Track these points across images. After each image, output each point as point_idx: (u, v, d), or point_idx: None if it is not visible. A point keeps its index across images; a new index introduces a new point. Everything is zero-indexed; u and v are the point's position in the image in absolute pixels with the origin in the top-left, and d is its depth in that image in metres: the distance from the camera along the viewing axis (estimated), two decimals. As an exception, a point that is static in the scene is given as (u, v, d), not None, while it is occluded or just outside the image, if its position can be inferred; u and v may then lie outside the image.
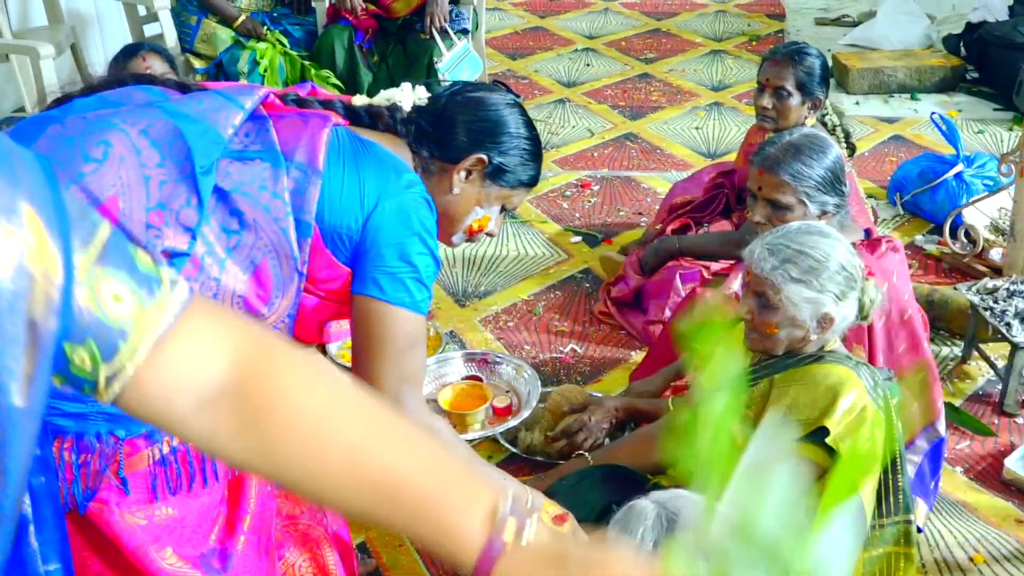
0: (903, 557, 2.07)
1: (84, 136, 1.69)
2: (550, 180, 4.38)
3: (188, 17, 4.48)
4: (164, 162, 1.70)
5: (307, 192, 1.75)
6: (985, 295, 2.93)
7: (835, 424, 1.92)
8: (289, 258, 1.76)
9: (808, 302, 1.98)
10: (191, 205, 1.69)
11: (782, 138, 2.49)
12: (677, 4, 7.19)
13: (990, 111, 4.99)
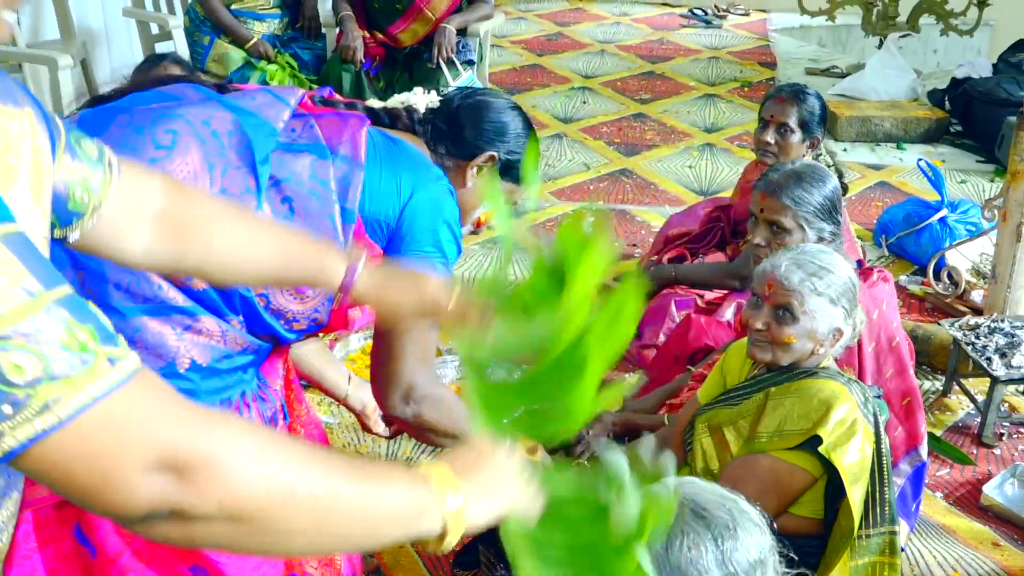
0: (887, 567, 2.13)
1: (153, 124, 1.81)
2: (547, 210, 4.52)
3: (201, 37, 4.61)
4: (226, 151, 1.82)
5: (351, 183, 1.87)
6: (967, 331, 3.06)
7: (828, 434, 2.00)
8: (333, 241, 1.88)
9: (827, 315, 2.08)
10: (250, 191, 1.81)
11: (785, 167, 2.62)
12: (671, 49, 7.37)
13: (973, 163, 5.15)
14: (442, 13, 4.54)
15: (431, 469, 1.08)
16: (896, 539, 2.16)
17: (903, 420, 2.58)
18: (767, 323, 2.10)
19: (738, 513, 1.45)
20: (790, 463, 2.06)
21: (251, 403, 1.92)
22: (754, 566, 1.41)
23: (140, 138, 1.79)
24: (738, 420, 2.17)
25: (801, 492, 2.09)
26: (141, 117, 1.83)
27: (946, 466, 2.87)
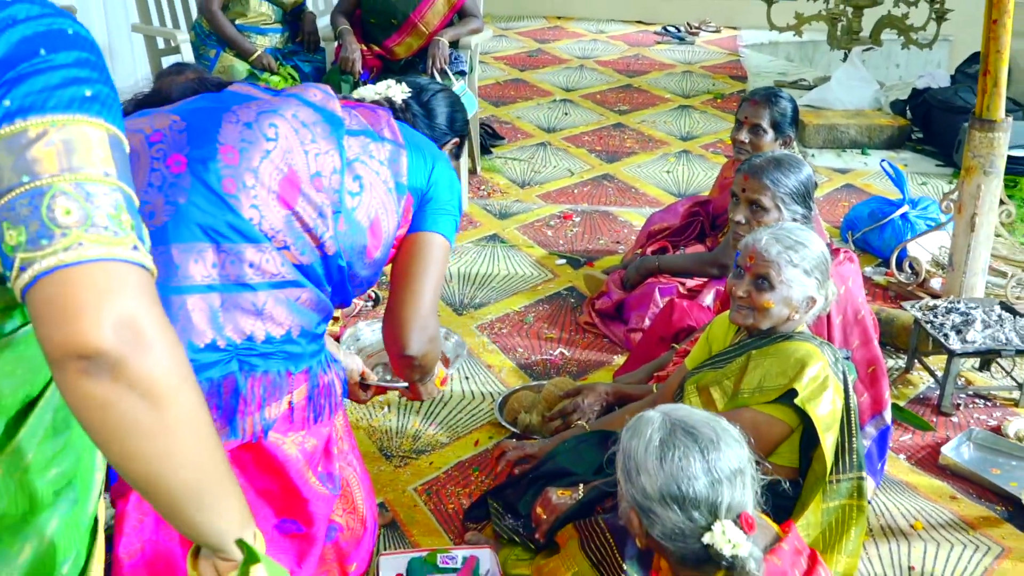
0: (856, 508, 2.31)
1: (258, 120, 2.02)
2: (534, 211, 4.70)
3: (207, 51, 4.67)
4: (317, 139, 2.04)
5: (399, 160, 2.10)
6: (926, 311, 3.28)
7: (803, 388, 2.19)
8: (393, 213, 2.10)
9: (801, 284, 2.27)
10: (336, 172, 2.03)
11: (766, 154, 2.85)
12: (647, 64, 7.57)
13: (932, 166, 5.38)
14: (435, 27, 4.63)
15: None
16: (864, 484, 2.33)
17: (868, 387, 2.77)
18: (748, 291, 2.31)
19: (721, 431, 1.68)
20: (769, 415, 2.26)
21: (331, 364, 2.11)
22: (735, 473, 1.64)
23: (252, 132, 1.99)
24: (723, 380, 2.37)
25: (780, 441, 2.28)
26: (245, 114, 2.03)
27: (908, 432, 3.06)
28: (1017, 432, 3.01)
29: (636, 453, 1.69)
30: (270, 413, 1.94)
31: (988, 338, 3.12)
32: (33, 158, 0.97)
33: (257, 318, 1.93)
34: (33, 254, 0.96)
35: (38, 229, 0.96)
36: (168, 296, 1.88)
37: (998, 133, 3.39)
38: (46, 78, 0.99)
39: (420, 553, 2.39)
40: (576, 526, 2.33)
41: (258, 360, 1.92)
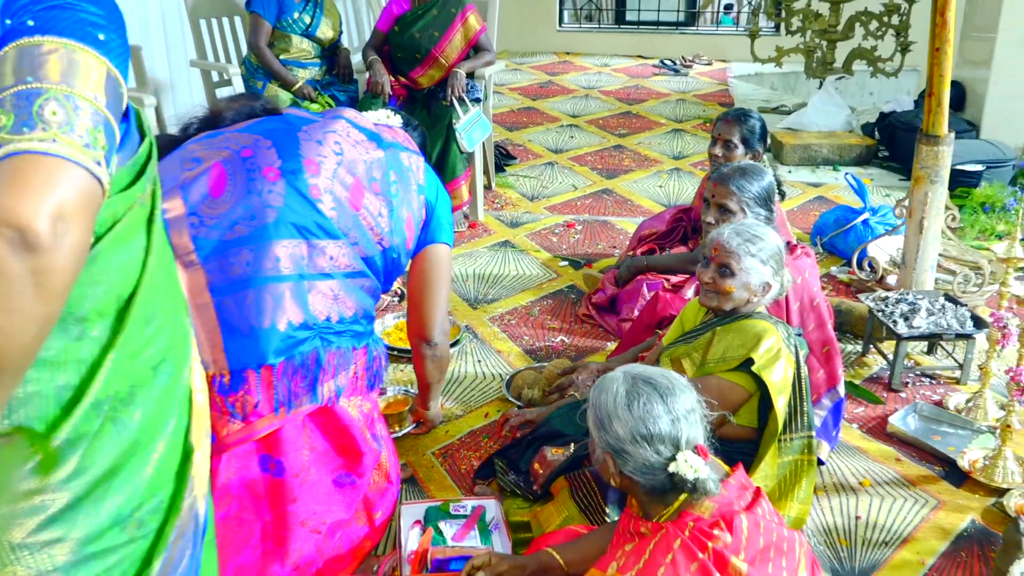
0: (807, 462, 2.42)
1: (325, 138, 2.22)
2: (541, 221, 4.84)
3: (255, 82, 4.77)
4: (368, 152, 2.24)
5: (420, 167, 2.30)
6: (879, 302, 3.41)
7: (759, 358, 2.32)
8: (416, 211, 2.28)
9: (758, 272, 2.40)
10: (385, 178, 2.22)
11: (732, 164, 2.99)
12: (645, 93, 7.70)
13: (896, 180, 5.48)
14: (453, 60, 4.75)
15: None
16: (813, 442, 2.43)
17: (823, 364, 2.88)
18: (713, 277, 2.44)
19: (673, 379, 1.83)
20: (731, 381, 2.38)
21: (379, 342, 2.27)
22: (689, 412, 1.79)
23: (323, 148, 2.19)
24: (692, 353, 2.49)
25: (740, 403, 2.40)
26: (314, 134, 2.23)
27: (861, 406, 3.17)
28: (957, 405, 3.13)
29: (606, 405, 1.81)
30: (341, 380, 2.11)
31: (932, 324, 3.24)
32: (40, 65, 1.03)
33: (333, 302, 2.11)
34: (13, 136, 1.00)
35: (25, 119, 1.00)
36: (268, 284, 2.01)
37: (942, 147, 3.52)
38: (70, 14, 1.07)
39: (436, 503, 2.51)
40: (567, 478, 2.46)
41: (333, 337, 2.09)
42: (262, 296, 1.99)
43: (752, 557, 1.71)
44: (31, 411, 1.12)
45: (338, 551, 2.33)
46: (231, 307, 1.99)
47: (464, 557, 2.22)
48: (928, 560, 2.45)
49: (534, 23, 9.29)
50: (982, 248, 4.29)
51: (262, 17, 4.76)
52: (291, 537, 2.15)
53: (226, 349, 1.96)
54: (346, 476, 2.23)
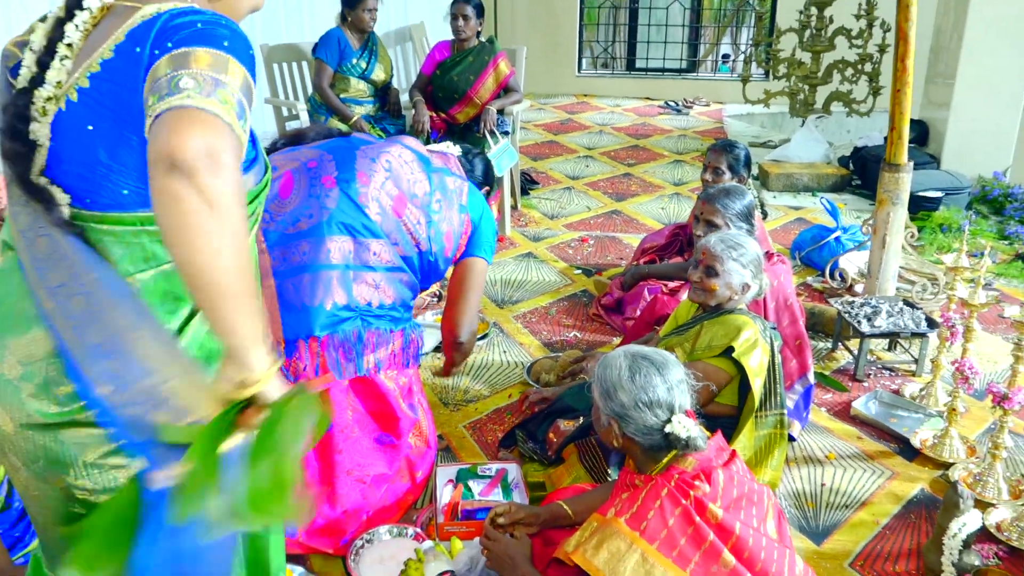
0: (779, 435, 2.50)
1: (379, 156, 2.32)
2: (560, 236, 4.91)
3: (318, 117, 4.87)
4: (414, 172, 2.33)
5: (463, 190, 2.36)
6: (846, 305, 3.47)
7: (739, 346, 2.39)
8: (458, 226, 2.36)
9: (738, 274, 2.47)
10: (427, 195, 2.31)
11: (717, 186, 3.06)
12: (651, 129, 7.75)
13: (866, 204, 5.47)
14: (486, 99, 4.87)
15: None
16: (784, 418, 2.50)
17: (796, 355, 2.93)
18: (700, 277, 2.52)
19: (666, 355, 1.91)
20: (715, 365, 2.45)
21: (415, 327, 2.37)
22: (680, 382, 1.87)
23: (376, 165, 2.30)
24: (684, 343, 2.55)
25: (724, 384, 2.46)
26: (370, 152, 2.33)
27: (829, 392, 3.22)
28: (912, 393, 3.18)
29: (611, 378, 1.88)
30: (380, 355, 2.23)
31: (891, 324, 3.30)
32: (190, 61, 1.10)
33: (375, 290, 2.23)
34: (158, 104, 1.07)
35: (167, 91, 1.07)
36: (321, 270, 2.15)
37: (902, 174, 3.57)
38: (221, 38, 1.14)
39: (466, 465, 2.61)
40: (576, 445, 2.55)
41: (373, 319, 2.22)
42: (315, 280, 2.13)
43: (727, 504, 1.80)
44: None
45: (384, 502, 2.44)
46: (289, 288, 2.13)
47: (489, 508, 2.31)
48: (882, 520, 2.51)
49: (556, 69, 9.38)
50: (939, 263, 4.33)
51: (326, 63, 4.87)
52: (338, 483, 2.27)
53: (283, 322, 2.10)
54: (385, 436, 2.34)
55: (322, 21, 6.05)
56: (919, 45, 3.61)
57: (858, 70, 6.34)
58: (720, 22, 10.71)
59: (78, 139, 1.21)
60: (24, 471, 1.31)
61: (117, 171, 1.21)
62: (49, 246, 1.20)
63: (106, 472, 1.30)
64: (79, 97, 1.20)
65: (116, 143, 1.19)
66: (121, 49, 1.17)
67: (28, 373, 1.25)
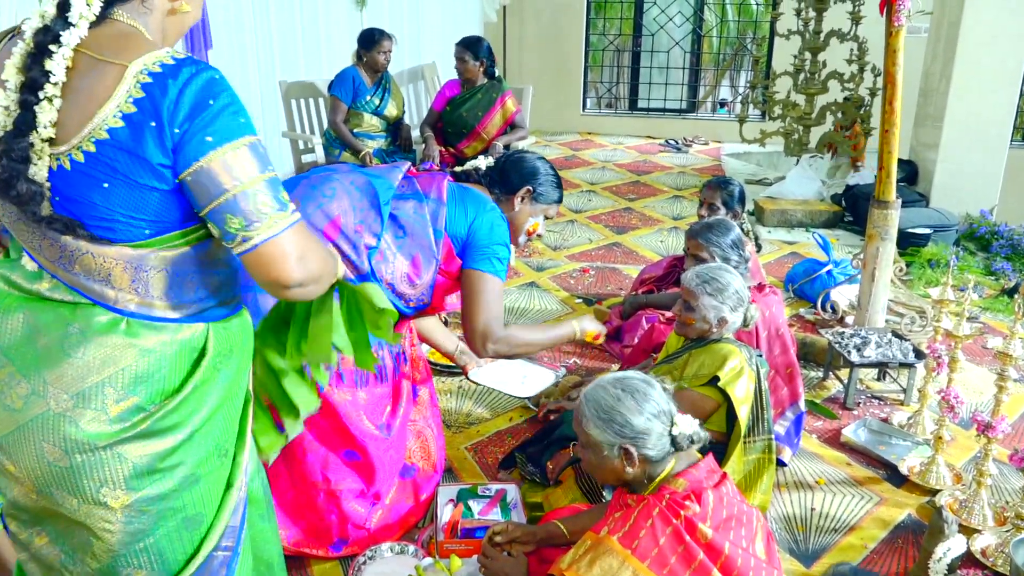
0: (767, 460, 2.47)
1: (321, 183, 2.29)
2: (562, 267, 4.92)
3: (332, 150, 4.96)
4: (363, 199, 2.27)
5: (439, 214, 2.28)
6: (837, 335, 3.46)
7: (724, 375, 2.37)
8: (430, 251, 2.27)
9: (713, 308, 2.45)
10: (377, 222, 2.24)
11: (703, 221, 3.05)
12: (651, 166, 7.78)
13: (857, 240, 5.45)
14: (493, 135, 4.94)
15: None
16: (772, 443, 2.47)
17: (787, 383, 2.92)
18: (679, 311, 2.52)
19: (642, 376, 1.89)
20: (702, 393, 2.43)
21: (383, 347, 2.33)
22: (668, 392, 1.87)
23: (314, 191, 2.25)
24: (673, 371, 2.54)
25: (711, 412, 2.45)
26: (315, 180, 2.31)
27: (820, 420, 3.20)
28: (900, 422, 3.16)
29: (616, 409, 1.80)
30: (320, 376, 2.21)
31: (880, 354, 3.29)
32: (234, 169, 1.20)
33: None
34: (250, 232, 1.23)
35: (252, 218, 1.22)
36: (249, 293, 2.09)
37: (890, 210, 3.59)
38: (225, 116, 1.21)
39: (467, 485, 2.61)
40: (573, 468, 2.54)
41: None
42: (255, 299, 2.11)
43: (717, 524, 1.78)
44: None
45: (386, 522, 2.43)
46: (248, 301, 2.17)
47: (487, 527, 2.30)
48: (870, 544, 2.49)
49: (562, 108, 9.47)
50: (927, 296, 4.33)
51: (340, 99, 4.95)
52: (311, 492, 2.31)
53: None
54: (351, 454, 2.32)
55: (339, 59, 6.14)
56: (908, 89, 3.65)
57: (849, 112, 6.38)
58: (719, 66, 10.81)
59: (92, 195, 1.22)
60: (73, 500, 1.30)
61: (137, 219, 1.25)
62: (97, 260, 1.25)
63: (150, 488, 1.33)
64: (86, 159, 1.20)
65: (133, 199, 1.22)
66: (132, 121, 1.19)
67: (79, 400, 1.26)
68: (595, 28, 9.80)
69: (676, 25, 9.73)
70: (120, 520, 1.30)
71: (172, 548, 1.36)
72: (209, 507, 1.39)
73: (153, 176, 1.21)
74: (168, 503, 1.33)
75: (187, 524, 1.37)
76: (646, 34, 9.71)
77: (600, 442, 1.82)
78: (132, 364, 1.27)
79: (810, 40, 6.44)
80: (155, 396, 1.29)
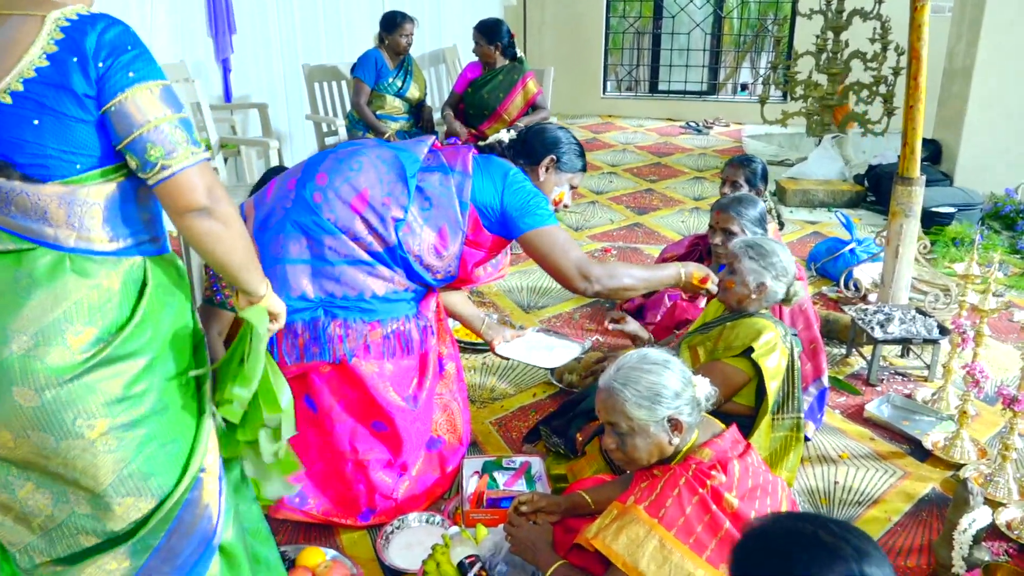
0: (795, 438, 2.46)
1: (348, 157, 2.31)
2: (584, 247, 4.90)
3: (356, 132, 4.96)
4: (390, 172, 2.29)
5: (464, 186, 2.29)
6: (860, 312, 3.44)
7: (758, 347, 2.35)
8: (456, 223, 2.29)
9: (753, 272, 2.42)
10: (404, 194, 2.27)
11: (731, 195, 3.05)
12: (673, 148, 7.75)
13: (880, 220, 5.42)
14: (514, 116, 4.92)
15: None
16: (801, 422, 2.46)
17: (810, 358, 2.90)
18: (723, 276, 2.50)
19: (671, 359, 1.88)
20: (734, 366, 2.41)
21: (410, 319, 2.34)
22: (689, 379, 1.86)
23: (341, 164, 2.28)
24: (706, 342, 2.53)
25: (741, 385, 2.43)
26: (341, 154, 2.33)
27: (843, 396, 3.19)
28: (924, 398, 3.14)
29: (656, 383, 1.78)
30: (350, 345, 2.22)
31: (903, 331, 3.26)
32: (154, 104, 1.34)
33: (336, 283, 2.23)
34: (169, 161, 1.35)
35: (170, 148, 1.35)
36: (278, 265, 2.20)
37: (914, 187, 3.54)
38: (143, 60, 1.35)
39: (492, 458, 2.62)
40: (599, 439, 2.55)
41: (338, 310, 2.22)
42: (274, 274, 2.19)
43: (742, 494, 1.78)
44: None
45: (412, 492, 2.45)
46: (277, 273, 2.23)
47: (512, 497, 2.31)
48: (894, 517, 2.48)
49: (583, 91, 9.42)
50: (952, 274, 4.28)
51: (363, 81, 4.95)
52: (338, 462, 2.35)
53: None
54: (379, 425, 2.34)
55: (361, 42, 6.14)
56: (932, 68, 3.59)
57: (873, 92, 6.31)
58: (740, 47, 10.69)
59: (22, 133, 1.31)
60: (50, 439, 1.36)
61: (68, 154, 1.34)
62: (32, 199, 1.34)
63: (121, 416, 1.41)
64: (13, 100, 1.30)
65: (62, 133, 1.32)
66: (56, 58, 1.30)
67: (40, 339, 1.33)
68: (615, 11, 9.72)
69: (697, 7, 9.62)
70: (99, 451, 1.38)
71: (157, 471, 1.44)
72: (184, 433, 1.50)
73: (79, 107, 1.31)
74: (141, 429, 1.42)
75: (164, 449, 1.46)
76: (666, 16, 9.63)
77: (647, 421, 1.79)
78: (83, 297, 1.35)
79: (832, 19, 6.35)
80: (111, 326, 1.38)
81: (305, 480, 2.37)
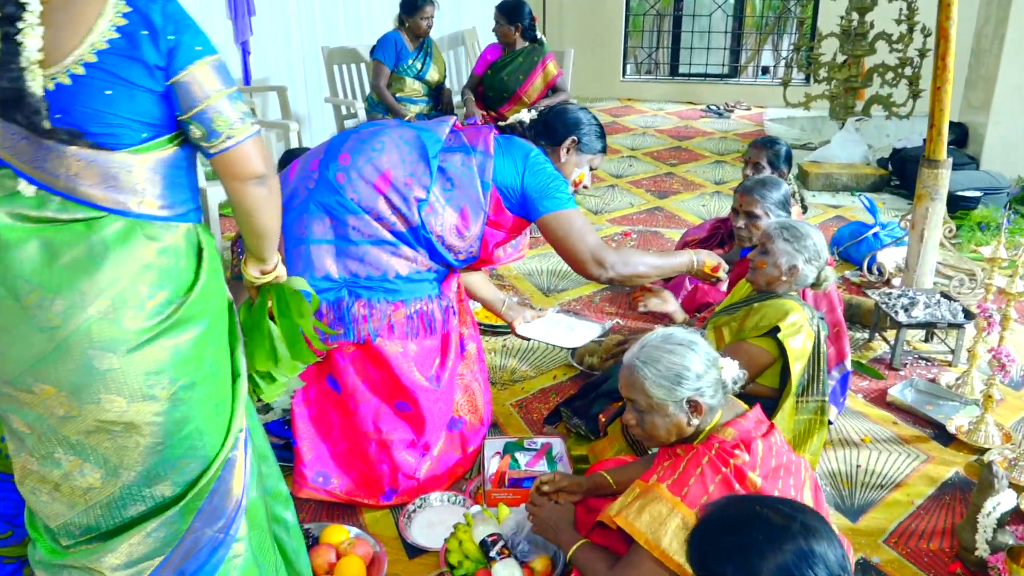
0: (819, 421, 2.45)
1: (371, 137, 2.32)
2: (604, 230, 4.90)
3: (375, 115, 4.98)
4: (412, 152, 2.30)
5: (486, 166, 2.29)
6: (884, 296, 3.42)
7: (784, 327, 2.34)
8: (478, 203, 2.30)
9: (786, 254, 2.41)
10: (426, 175, 2.27)
11: (754, 178, 3.03)
12: (693, 131, 7.71)
13: (904, 204, 5.37)
14: (534, 99, 4.92)
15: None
16: (825, 405, 2.45)
17: (834, 342, 2.86)
18: (755, 255, 2.49)
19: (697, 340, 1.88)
20: (759, 346, 2.41)
21: (433, 299, 2.36)
22: (714, 360, 1.86)
23: (364, 145, 2.29)
24: (731, 323, 2.52)
25: (766, 366, 2.42)
26: (364, 134, 2.34)
27: (866, 380, 3.18)
28: (948, 382, 3.13)
29: (677, 363, 1.78)
30: (374, 325, 2.24)
31: (928, 315, 3.24)
32: (219, 76, 1.41)
33: (360, 263, 2.24)
34: (235, 131, 1.42)
35: (234, 119, 1.42)
36: (302, 245, 2.22)
37: (941, 169, 3.51)
38: (203, 34, 1.43)
39: (513, 439, 2.64)
40: (620, 420, 2.56)
41: (362, 290, 2.23)
42: (298, 254, 2.21)
43: (765, 473, 1.78)
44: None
45: (434, 472, 2.47)
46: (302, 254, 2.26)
47: (534, 477, 2.33)
48: (917, 501, 2.48)
49: (602, 74, 9.38)
50: (978, 258, 4.24)
51: (383, 64, 4.96)
52: (362, 442, 2.37)
53: None
54: (403, 405, 2.36)
55: (380, 24, 6.14)
56: (959, 50, 3.55)
57: (898, 74, 6.25)
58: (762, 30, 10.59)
59: (95, 103, 1.34)
60: (121, 400, 1.40)
61: (136, 123, 1.38)
62: (102, 167, 1.38)
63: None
64: (87, 71, 1.33)
65: (133, 102, 1.36)
66: (126, 31, 1.35)
67: (118, 302, 1.37)
68: (636, -7, 9.67)
69: (718, -11, 9.55)
70: (166, 410, 1.43)
71: (210, 431, 1.50)
72: (227, 394, 1.56)
73: (149, 77, 1.36)
74: (200, 389, 1.47)
75: (217, 409, 1.52)
76: (688, -2, 9.56)
77: (666, 401, 1.79)
78: (155, 261, 1.40)
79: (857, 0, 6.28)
80: (180, 289, 1.44)
81: (329, 460, 2.40)
